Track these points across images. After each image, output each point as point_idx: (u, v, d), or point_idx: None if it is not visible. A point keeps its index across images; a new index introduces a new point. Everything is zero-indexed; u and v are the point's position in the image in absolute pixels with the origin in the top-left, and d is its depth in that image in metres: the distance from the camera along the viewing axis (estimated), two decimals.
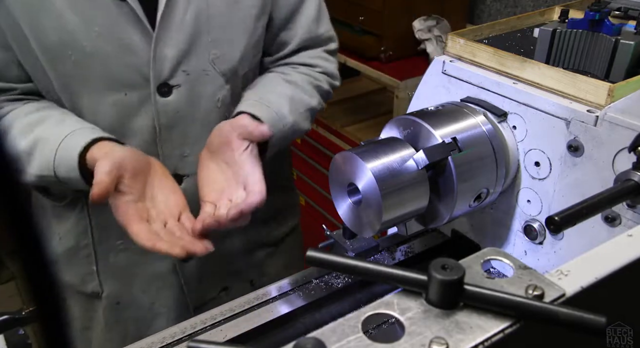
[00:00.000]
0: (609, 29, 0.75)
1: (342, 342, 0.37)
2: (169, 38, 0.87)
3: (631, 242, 0.49)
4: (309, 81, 1.03)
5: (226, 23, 0.92)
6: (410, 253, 0.90)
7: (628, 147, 0.64)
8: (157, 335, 0.74)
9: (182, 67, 0.90)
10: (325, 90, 1.06)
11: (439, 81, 0.86)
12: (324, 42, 1.07)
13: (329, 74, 1.07)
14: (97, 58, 0.86)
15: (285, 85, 1.00)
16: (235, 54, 0.94)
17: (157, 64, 0.88)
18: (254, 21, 0.95)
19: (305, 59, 1.05)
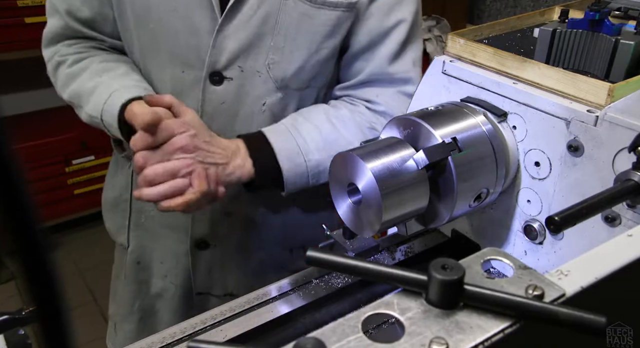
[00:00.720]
0: (609, 29, 0.75)
1: (342, 342, 0.37)
2: (233, 31, 0.92)
3: (631, 242, 0.49)
4: (359, 123, 0.98)
5: (292, 33, 0.94)
6: (410, 253, 0.90)
7: (628, 147, 0.64)
8: (157, 335, 0.74)
9: (239, 62, 0.94)
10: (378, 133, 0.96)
11: (439, 81, 0.86)
12: (398, 81, 1.01)
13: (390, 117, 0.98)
14: (168, 31, 0.93)
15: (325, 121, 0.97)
16: (292, 65, 0.96)
17: (215, 51, 0.93)
18: (321, 40, 0.95)
19: (370, 94, 1.01)
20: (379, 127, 0.98)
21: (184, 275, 1.13)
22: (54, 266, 0.25)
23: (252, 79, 0.96)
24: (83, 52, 1.01)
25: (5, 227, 0.23)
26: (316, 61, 0.97)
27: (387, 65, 0.99)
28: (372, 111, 1.00)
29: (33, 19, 2.48)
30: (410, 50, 1.01)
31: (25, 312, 0.58)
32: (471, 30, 0.89)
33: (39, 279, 0.25)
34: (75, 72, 0.99)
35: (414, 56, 1.02)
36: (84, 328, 2.40)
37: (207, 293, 1.15)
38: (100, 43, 1.03)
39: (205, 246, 1.09)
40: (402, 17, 0.98)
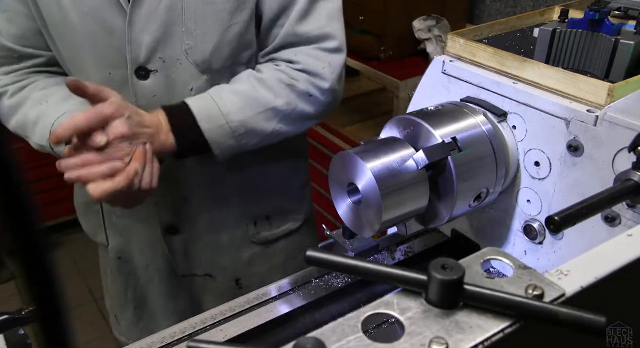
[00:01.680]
0: (609, 29, 0.75)
1: (342, 342, 0.37)
2: (144, 24, 0.93)
3: (631, 242, 0.49)
4: (280, 79, 0.98)
5: (200, 16, 0.95)
6: (410, 253, 0.90)
7: (628, 147, 0.64)
8: (157, 335, 0.74)
9: (159, 53, 0.96)
10: (302, 90, 0.99)
11: (439, 81, 0.86)
12: (314, 39, 1.00)
13: (310, 73, 1.00)
14: (87, 37, 0.94)
15: (246, 83, 0.98)
16: (208, 46, 0.97)
17: (133, 47, 0.94)
18: (229, 16, 0.96)
19: (289, 55, 1.01)
20: (301, 84, 0.99)
21: (164, 261, 1.17)
22: (54, 266, 0.25)
23: (175, 67, 0.98)
24: (22, 80, 1.02)
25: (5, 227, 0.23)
26: (231, 38, 0.98)
27: (297, 25, 1.00)
28: (293, 69, 1.00)
29: None
30: (321, 6, 1.00)
31: (25, 312, 0.58)
32: (471, 30, 0.89)
33: (39, 279, 0.25)
34: (17, 102, 1.00)
35: (329, 10, 1.01)
36: (84, 328, 2.40)
37: (190, 275, 1.19)
38: (37, 60, 1.03)
39: (175, 231, 1.13)
40: None
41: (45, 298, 0.26)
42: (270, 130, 0.99)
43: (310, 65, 1.00)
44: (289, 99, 0.98)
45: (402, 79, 1.97)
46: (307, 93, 1.00)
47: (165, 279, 1.19)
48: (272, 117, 0.98)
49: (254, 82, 0.98)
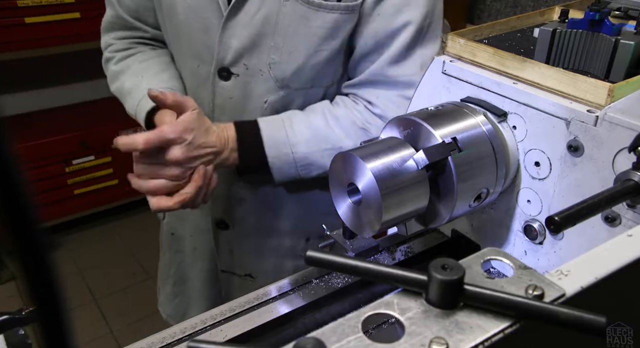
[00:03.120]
0: (609, 29, 0.75)
1: (342, 342, 0.37)
2: (237, 29, 0.96)
3: (631, 242, 0.49)
4: (354, 120, 0.98)
5: (291, 34, 0.96)
6: (410, 253, 0.90)
7: (628, 147, 0.64)
8: (157, 335, 0.74)
9: (244, 60, 0.98)
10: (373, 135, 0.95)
11: (439, 81, 0.86)
12: (401, 85, 0.98)
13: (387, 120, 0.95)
14: (186, 27, 1.00)
15: (320, 117, 0.99)
16: (291, 65, 0.98)
17: (222, 48, 0.98)
18: (319, 41, 0.96)
19: (371, 95, 1.00)
20: (374, 128, 0.98)
21: (209, 251, 1.21)
22: (54, 266, 0.25)
23: (256, 77, 0.99)
24: (129, 48, 1.13)
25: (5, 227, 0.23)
26: (316, 62, 0.98)
27: (389, 67, 0.98)
28: (370, 112, 0.99)
29: (33, 19, 2.48)
30: (418, 53, 0.98)
31: (25, 312, 0.58)
32: (471, 30, 0.89)
33: (39, 279, 0.25)
34: (119, 70, 1.11)
35: (424, 58, 0.98)
36: (84, 328, 2.40)
37: (230, 272, 1.22)
38: (144, 34, 1.13)
39: (225, 226, 1.16)
40: (408, 19, 0.96)
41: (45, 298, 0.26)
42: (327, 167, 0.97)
43: (389, 112, 0.98)
44: (357, 142, 0.96)
45: None
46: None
47: (206, 268, 1.24)
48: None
49: (329, 118, 0.99)
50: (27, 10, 2.47)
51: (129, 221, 3.00)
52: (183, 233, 1.24)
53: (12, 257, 0.24)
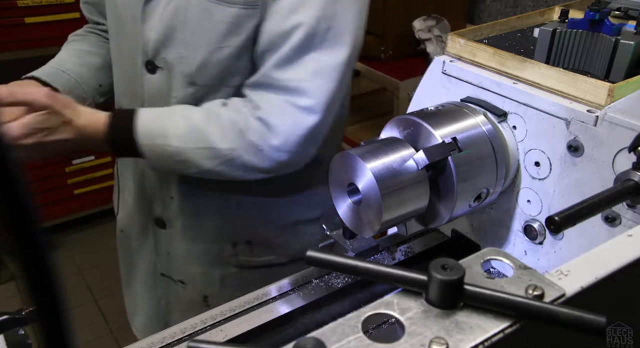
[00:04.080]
0: (609, 29, 0.75)
1: (342, 342, 0.37)
2: (153, 21, 0.97)
3: (631, 242, 0.49)
4: (234, 121, 0.93)
5: (196, 29, 0.95)
6: (410, 253, 0.90)
7: (628, 147, 0.64)
8: (157, 335, 0.74)
9: (162, 53, 0.98)
10: (251, 140, 0.92)
11: (439, 81, 0.86)
12: (288, 90, 0.92)
13: (267, 125, 0.92)
14: (120, 19, 1.03)
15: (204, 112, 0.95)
16: (195, 60, 0.97)
17: (144, 40, 0.98)
18: (221, 37, 0.94)
19: (258, 98, 0.94)
20: (253, 133, 0.92)
21: (150, 252, 1.21)
22: (54, 266, 0.25)
23: (172, 71, 0.99)
24: (84, 35, 1.20)
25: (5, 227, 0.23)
26: (219, 59, 0.95)
27: (276, 69, 0.92)
28: (253, 116, 0.93)
29: (33, 19, 2.48)
30: (311, 59, 0.91)
31: (25, 312, 0.58)
32: (471, 30, 0.89)
33: (39, 279, 0.25)
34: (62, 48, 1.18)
35: (321, 65, 0.91)
36: (84, 328, 2.40)
37: (168, 276, 1.20)
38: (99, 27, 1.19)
39: (162, 225, 1.15)
40: (300, 20, 0.90)
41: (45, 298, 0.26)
42: (208, 167, 0.95)
43: (272, 117, 0.92)
44: (233, 145, 0.93)
45: (402, 79, 1.97)
46: (255, 145, 0.93)
47: (148, 270, 1.22)
48: (211, 156, 0.94)
49: (210, 115, 0.95)
50: (27, 10, 2.47)
51: None
52: (130, 233, 1.23)
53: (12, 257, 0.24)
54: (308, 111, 0.92)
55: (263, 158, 0.94)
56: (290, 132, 0.92)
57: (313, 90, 0.91)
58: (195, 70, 0.97)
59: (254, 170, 0.95)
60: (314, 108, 0.92)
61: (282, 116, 0.92)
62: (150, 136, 0.94)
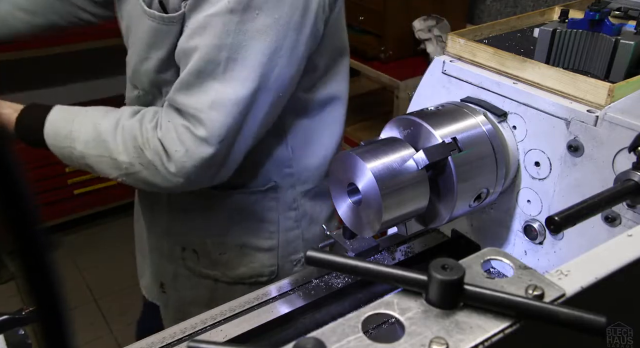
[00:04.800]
0: (609, 29, 0.75)
1: (342, 342, 0.37)
2: (122, 21, 1.03)
3: (631, 242, 0.49)
4: (135, 136, 0.92)
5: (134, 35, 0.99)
6: (410, 253, 0.90)
7: (628, 147, 0.64)
8: (157, 335, 0.74)
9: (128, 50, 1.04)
10: (148, 159, 0.91)
11: (439, 81, 0.86)
12: (186, 116, 0.90)
13: (164, 148, 0.90)
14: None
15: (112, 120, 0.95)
16: (131, 65, 1.02)
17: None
18: (145, 48, 0.97)
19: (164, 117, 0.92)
20: (149, 152, 0.91)
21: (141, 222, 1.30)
22: (54, 266, 0.25)
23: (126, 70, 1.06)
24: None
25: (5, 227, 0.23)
26: (146, 68, 0.98)
27: (178, 92, 0.91)
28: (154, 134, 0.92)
29: None
30: (211, 88, 0.88)
31: (25, 312, 0.58)
32: (471, 30, 0.89)
33: (39, 279, 0.25)
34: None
35: (219, 97, 0.88)
36: (84, 328, 2.40)
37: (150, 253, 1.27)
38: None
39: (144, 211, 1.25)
40: (197, 44, 0.88)
41: (45, 298, 0.26)
42: (113, 176, 0.96)
43: (168, 141, 0.90)
44: (132, 160, 0.92)
45: (402, 79, 1.97)
46: (154, 165, 0.92)
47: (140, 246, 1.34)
48: (113, 166, 0.94)
49: (118, 125, 0.94)
50: None
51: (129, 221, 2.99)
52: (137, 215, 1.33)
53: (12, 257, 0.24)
54: (201, 141, 0.89)
55: (161, 178, 0.93)
56: (184, 160, 0.90)
57: (208, 122, 0.89)
58: (132, 74, 1.02)
59: (155, 187, 0.95)
60: (209, 140, 0.89)
61: (178, 143, 0.90)
62: (56, 136, 0.96)
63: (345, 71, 1.14)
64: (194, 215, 1.13)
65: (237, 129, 0.90)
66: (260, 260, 1.16)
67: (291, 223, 1.15)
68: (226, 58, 0.87)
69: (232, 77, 0.88)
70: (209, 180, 0.96)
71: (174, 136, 0.90)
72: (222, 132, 0.89)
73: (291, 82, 0.95)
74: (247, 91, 0.88)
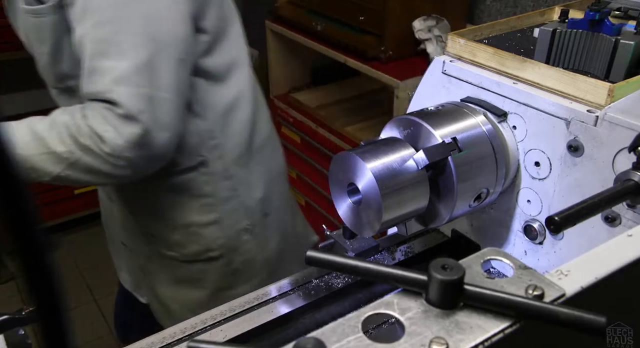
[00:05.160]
0: (609, 29, 0.75)
1: (342, 342, 0.37)
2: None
3: (631, 242, 0.49)
4: (67, 126, 0.95)
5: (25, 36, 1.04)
6: (410, 253, 0.90)
7: (628, 147, 0.64)
8: (157, 335, 0.74)
9: None
10: (85, 144, 0.94)
11: (439, 81, 0.86)
12: (102, 101, 0.93)
13: (94, 132, 0.93)
14: None
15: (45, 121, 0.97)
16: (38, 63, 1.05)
17: None
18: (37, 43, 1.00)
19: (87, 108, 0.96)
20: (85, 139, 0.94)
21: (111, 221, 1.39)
22: (54, 266, 0.25)
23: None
24: None
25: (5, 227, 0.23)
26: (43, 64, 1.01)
27: (85, 84, 0.94)
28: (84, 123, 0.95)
29: None
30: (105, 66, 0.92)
31: (25, 312, 0.58)
32: (471, 30, 0.89)
33: (39, 279, 0.25)
34: None
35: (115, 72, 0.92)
36: (84, 328, 2.40)
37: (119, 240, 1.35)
38: None
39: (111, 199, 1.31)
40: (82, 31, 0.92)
41: (45, 298, 0.26)
42: (56, 172, 0.96)
43: (96, 125, 0.93)
44: (70, 148, 0.94)
45: (402, 79, 1.97)
46: (91, 149, 0.94)
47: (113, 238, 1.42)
48: (54, 161, 0.95)
49: (52, 122, 0.96)
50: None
51: None
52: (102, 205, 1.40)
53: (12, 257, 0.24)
54: (125, 119, 0.92)
55: (102, 162, 0.95)
56: (116, 139, 0.93)
57: (120, 98, 0.91)
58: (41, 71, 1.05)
59: (100, 173, 0.97)
60: (129, 115, 0.92)
61: (105, 124, 0.93)
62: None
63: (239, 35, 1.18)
64: (141, 202, 1.20)
65: (150, 96, 0.93)
66: (209, 236, 1.21)
67: (228, 193, 1.19)
68: (111, 32, 0.92)
69: (123, 49, 0.92)
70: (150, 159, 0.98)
71: (101, 120, 0.93)
72: (137, 103, 0.92)
73: (185, 42, 0.99)
74: (143, 57, 0.93)
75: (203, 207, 1.18)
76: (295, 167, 2.41)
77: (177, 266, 1.24)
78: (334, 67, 2.33)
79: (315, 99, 2.37)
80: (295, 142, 2.38)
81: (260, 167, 1.24)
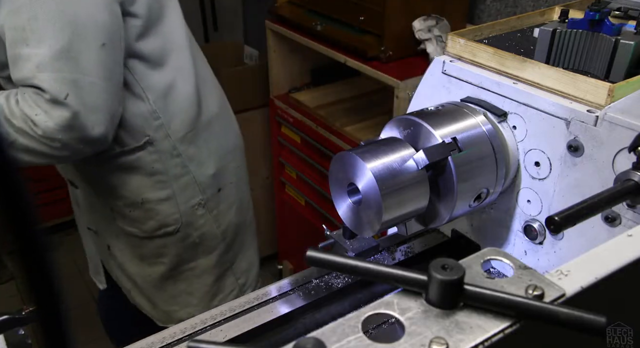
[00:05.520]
0: (609, 29, 0.75)
1: (342, 342, 0.37)
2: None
3: (631, 242, 0.49)
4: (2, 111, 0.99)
5: None
6: (410, 253, 0.90)
7: (628, 147, 0.64)
8: (157, 335, 0.74)
9: None
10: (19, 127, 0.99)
11: (439, 81, 0.86)
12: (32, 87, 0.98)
13: (26, 115, 0.98)
14: None
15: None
16: None
17: None
18: None
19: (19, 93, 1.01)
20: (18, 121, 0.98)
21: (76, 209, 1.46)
22: (54, 266, 0.25)
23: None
24: None
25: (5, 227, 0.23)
26: None
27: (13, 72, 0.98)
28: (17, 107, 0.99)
29: None
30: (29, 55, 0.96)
31: (25, 312, 0.58)
32: (471, 30, 0.89)
33: (39, 279, 0.25)
34: None
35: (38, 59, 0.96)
36: (84, 328, 2.40)
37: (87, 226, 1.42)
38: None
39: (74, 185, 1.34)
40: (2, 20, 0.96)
41: (45, 298, 0.26)
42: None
43: (27, 109, 0.98)
44: (6, 130, 0.98)
45: (402, 78, 1.96)
46: (25, 131, 0.99)
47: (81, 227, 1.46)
48: None
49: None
50: None
51: None
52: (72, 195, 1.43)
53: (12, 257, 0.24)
54: (52, 103, 0.97)
55: (38, 143, 0.99)
56: (46, 121, 0.97)
57: (44, 84, 0.96)
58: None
59: (39, 154, 1.01)
60: (56, 99, 0.97)
61: (35, 107, 0.97)
62: None
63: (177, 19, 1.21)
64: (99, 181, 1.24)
65: (73, 80, 0.97)
66: (164, 211, 1.26)
67: (179, 169, 1.25)
68: (27, 19, 0.94)
69: (41, 36, 0.95)
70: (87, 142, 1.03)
71: (31, 104, 0.97)
72: (60, 88, 0.96)
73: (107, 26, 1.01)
74: (62, 43, 0.96)
75: (156, 184, 1.24)
76: (295, 167, 2.41)
77: (139, 243, 1.29)
78: (334, 67, 2.32)
79: (315, 99, 2.37)
80: (295, 142, 2.38)
81: (210, 143, 1.29)
